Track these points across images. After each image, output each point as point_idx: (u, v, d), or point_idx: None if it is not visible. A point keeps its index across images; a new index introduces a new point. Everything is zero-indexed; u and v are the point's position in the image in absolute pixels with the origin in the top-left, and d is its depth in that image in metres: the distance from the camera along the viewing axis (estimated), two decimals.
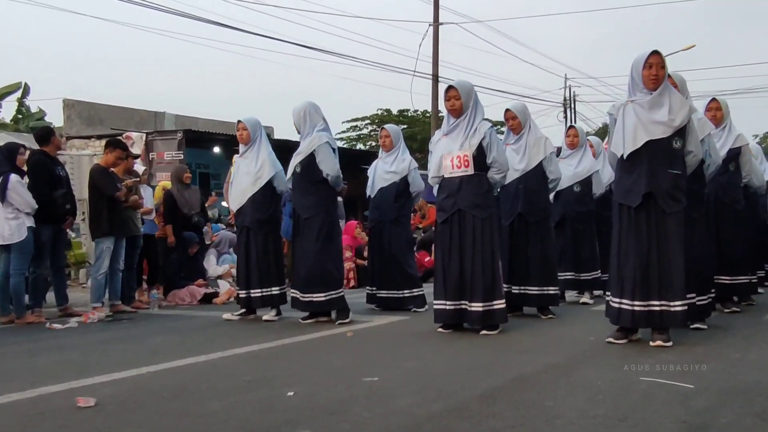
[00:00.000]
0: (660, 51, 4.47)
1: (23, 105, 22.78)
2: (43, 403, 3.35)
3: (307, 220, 5.97)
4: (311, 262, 5.92)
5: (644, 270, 4.41)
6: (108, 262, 7.01)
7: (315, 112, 6.11)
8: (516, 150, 6.06)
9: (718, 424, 2.74)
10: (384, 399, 3.25)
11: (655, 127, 4.40)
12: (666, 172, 4.39)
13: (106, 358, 4.65)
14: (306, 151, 5.97)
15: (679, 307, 4.37)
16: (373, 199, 6.94)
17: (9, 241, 6.54)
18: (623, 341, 4.56)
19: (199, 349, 4.74)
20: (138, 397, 3.40)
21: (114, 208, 7.08)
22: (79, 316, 6.78)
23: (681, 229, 4.42)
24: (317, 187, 6.01)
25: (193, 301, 8.24)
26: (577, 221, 7.04)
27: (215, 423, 2.89)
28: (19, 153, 6.81)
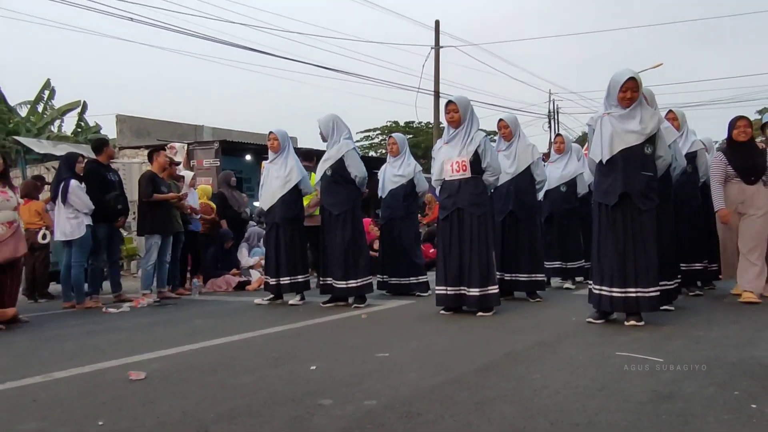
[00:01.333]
0: (636, 76, 4.45)
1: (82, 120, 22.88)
2: (100, 376, 3.38)
3: (337, 216, 5.98)
4: (345, 254, 5.94)
5: (621, 261, 4.40)
6: (155, 255, 7.03)
7: (341, 122, 6.20)
8: (507, 155, 6.05)
9: (684, 393, 2.73)
10: (394, 372, 3.25)
11: (629, 135, 4.40)
12: (640, 174, 4.39)
13: (154, 337, 4.67)
14: (336, 156, 6.01)
15: (653, 293, 4.36)
16: (384, 199, 6.94)
17: (70, 237, 6.59)
18: (601, 321, 4.56)
19: (234, 330, 4.75)
20: (181, 372, 3.41)
21: (157, 209, 7.07)
22: (130, 301, 6.81)
23: (654, 224, 4.42)
24: (346, 188, 6.05)
25: (228, 289, 8.26)
26: (563, 217, 7.07)
27: (247, 394, 2.90)
28: (78, 161, 6.86)
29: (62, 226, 6.61)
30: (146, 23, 13.55)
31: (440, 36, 20.85)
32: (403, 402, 2.69)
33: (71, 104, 22.19)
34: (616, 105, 4.49)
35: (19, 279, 6.03)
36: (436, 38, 20.78)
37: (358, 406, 2.65)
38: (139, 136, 16.90)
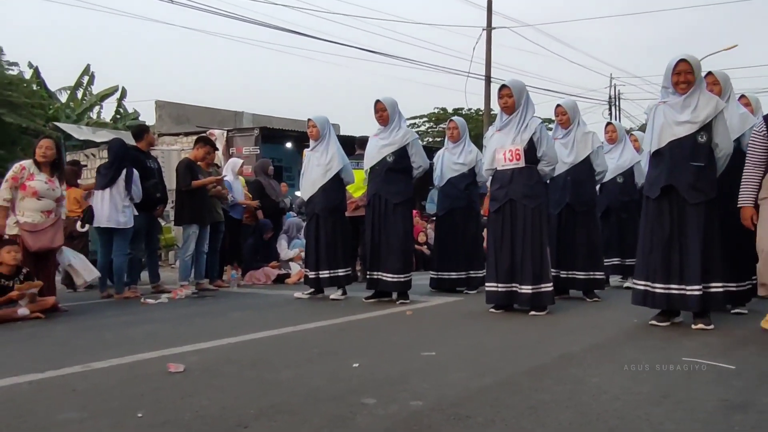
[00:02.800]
0: (689, 58, 4.39)
1: (121, 106, 23.52)
2: (139, 367, 3.45)
3: (397, 206, 5.97)
4: (403, 246, 5.97)
5: (666, 256, 4.37)
6: (194, 246, 7.18)
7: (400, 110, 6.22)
8: (565, 144, 5.97)
9: (759, 404, 2.63)
10: (440, 372, 3.24)
11: (679, 127, 4.39)
12: (688, 165, 4.31)
13: (193, 329, 4.75)
14: (400, 142, 6.01)
15: (696, 291, 4.26)
16: (442, 188, 6.91)
17: (124, 226, 6.74)
18: (666, 324, 4.46)
19: (273, 324, 4.81)
20: (220, 365, 3.47)
21: (195, 198, 7.19)
22: (168, 292, 6.96)
23: (701, 219, 4.30)
24: (405, 176, 6.07)
25: (267, 281, 8.38)
26: (621, 210, 6.94)
27: (287, 390, 2.93)
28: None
29: (113, 214, 6.68)
30: (186, 5, 13.77)
31: (492, 16, 20.62)
32: (450, 403, 2.68)
33: (110, 90, 22.81)
34: (672, 92, 4.46)
35: (54, 269, 6.22)
36: (488, 19, 20.55)
37: (403, 407, 2.65)
38: (178, 123, 17.25)
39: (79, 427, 2.45)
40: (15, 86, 17.65)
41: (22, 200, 5.70)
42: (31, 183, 5.69)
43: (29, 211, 5.70)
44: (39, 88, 20.69)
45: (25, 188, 5.68)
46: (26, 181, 5.69)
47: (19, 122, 16.59)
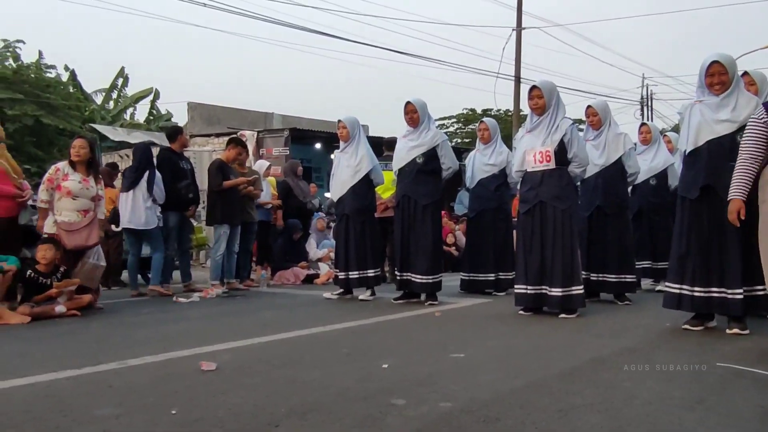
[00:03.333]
0: (722, 59, 4.29)
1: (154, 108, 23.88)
2: (172, 365, 3.50)
3: (426, 207, 5.97)
4: (432, 247, 5.97)
5: (705, 259, 4.29)
6: (225, 246, 7.24)
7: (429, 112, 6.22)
8: (596, 146, 5.89)
9: None
10: (469, 373, 3.24)
11: (719, 125, 4.27)
12: (726, 165, 4.17)
13: (224, 328, 4.80)
14: (429, 143, 6.01)
15: (737, 295, 4.16)
16: (473, 189, 6.89)
17: (145, 227, 6.88)
18: (699, 328, 4.38)
19: (303, 324, 4.84)
20: (252, 364, 3.50)
21: (227, 198, 7.25)
22: (200, 291, 7.04)
23: (742, 221, 4.20)
24: (434, 177, 6.07)
25: (296, 281, 8.44)
26: (653, 213, 6.84)
27: (318, 389, 2.94)
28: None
29: (137, 215, 6.84)
30: (218, 8, 13.96)
31: (522, 16, 20.47)
32: (480, 405, 2.67)
33: (144, 92, 23.19)
34: (708, 93, 4.36)
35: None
36: (518, 19, 20.41)
37: (433, 408, 2.64)
38: (210, 124, 17.46)
39: (115, 423, 2.50)
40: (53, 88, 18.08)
41: (58, 200, 5.82)
42: (65, 183, 5.81)
43: (66, 210, 5.81)
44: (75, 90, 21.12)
45: (61, 189, 5.80)
46: (61, 181, 5.81)
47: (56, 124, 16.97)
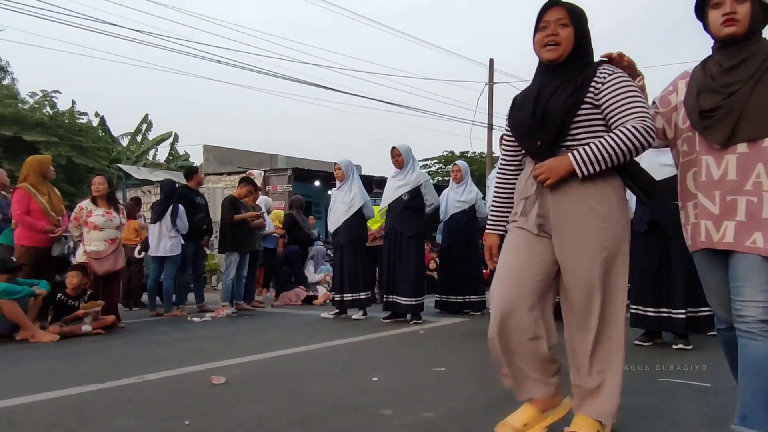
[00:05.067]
0: None
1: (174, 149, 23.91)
2: (186, 379, 3.45)
3: (411, 238, 5.97)
4: (415, 273, 5.95)
5: (654, 283, 4.35)
6: (234, 271, 7.20)
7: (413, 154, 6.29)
8: None
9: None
10: (450, 386, 3.21)
11: (663, 169, 4.30)
12: (669, 203, 4.21)
13: (233, 345, 4.75)
14: (414, 183, 6.03)
15: (681, 315, 4.23)
16: (446, 222, 6.90)
17: (170, 253, 6.82)
18: (649, 344, 4.38)
19: (303, 341, 4.80)
20: (258, 378, 3.46)
21: (237, 229, 7.22)
22: (212, 312, 6.95)
23: (685, 250, 4.22)
24: (417, 213, 6.07)
25: (297, 302, 8.37)
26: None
27: (316, 402, 2.91)
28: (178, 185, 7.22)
29: (162, 243, 6.81)
30: (231, 65, 14.11)
31: (494, 73, 20.76)
32: (459, 415, 2.65)
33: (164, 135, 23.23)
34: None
35: (118, 290, 6.28)
36: (490, 75, 20.67)
37: (417, 417, 2.62)
38: (223, 164, 17.47)
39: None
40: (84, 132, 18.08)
41: (88, 233, 5.81)
42: (91, 219, 5.81)
43: (94, 241, 5.79)
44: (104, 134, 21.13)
45: (87, 224, 5.82)
46: (86, 218, 5.82)
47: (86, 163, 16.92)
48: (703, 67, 2.06)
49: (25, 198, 5.54)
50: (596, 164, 2.05)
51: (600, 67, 2.13)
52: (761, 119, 1.91)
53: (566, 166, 2.07)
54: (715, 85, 1.98)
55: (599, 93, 2.09)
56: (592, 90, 2.09)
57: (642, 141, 2.03)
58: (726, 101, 1.94)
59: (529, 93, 2.23)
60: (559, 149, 2.14)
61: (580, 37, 2.14)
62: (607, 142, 2.04)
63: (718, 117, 1.96)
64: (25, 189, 5.57)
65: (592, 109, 2.11)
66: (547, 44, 2.13)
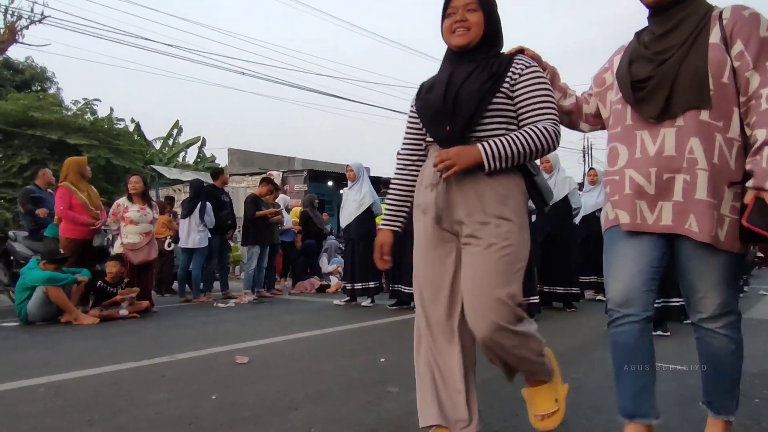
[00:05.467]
0: None
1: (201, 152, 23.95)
2: (212, 359, 3.47)
3: (411, 233, 5.94)
4: None
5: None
6: (255, 262, 7.23)
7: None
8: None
9: None
10: None
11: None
12: None
13: (254, 329, 4.76)
14: None
15: (656, 304, 4.17)
16: None
17: (198, 245, 6.89)
18: None
19: (317, 325, 4.81)
20: (276, 358, 3.48)
21: (258, 225, 7.25)
22: (235, 298, 6.98)
23: None
24: None
25: (312, 290, 8.39)
26: (598, 238, 6.77)
27: (329, 379, 2.93)
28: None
29: (191, 236, 6.89)
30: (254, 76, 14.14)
31: None
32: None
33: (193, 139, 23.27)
34: None
35: (152, 278, 6.33)
36: None
37: None
38: (245, 165, 17.49)
39: (167, 406, 2.47)
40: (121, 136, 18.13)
41: (124, 227, 5.85)
42: (127, 215, 5.86)
43: (130, 234, 5.83)
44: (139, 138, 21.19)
45: (124, 219, 5.85)
46: (123, 213, 5.86)
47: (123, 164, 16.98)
48: (638, 38, 1.78)
49: (66, 195, 5.59)
50: (505, 160, 1.72)
51: (516, 58, 1.82)
52: (696, 87, 1.59)
53: (474, 157, 1.71)
54: (648, 53, 1.69)
55: (515, 85, 1.78)
56: (508, 80, 1.78)
57: (549, 144, 1.76)
58: (658, 69, 1.64)
59: (439, 78, 1.88)
60: (468, 139, 1.78)
61: (490, 23, 1.82)
62: (518, 138, 1.73)
63: (650, 88, 1.65)
64: (66, 187, 5.62)
65: (505, 100, 1.78)
66: (455, 30, 1.81)
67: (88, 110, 18.68)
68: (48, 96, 18.82)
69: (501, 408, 2.43)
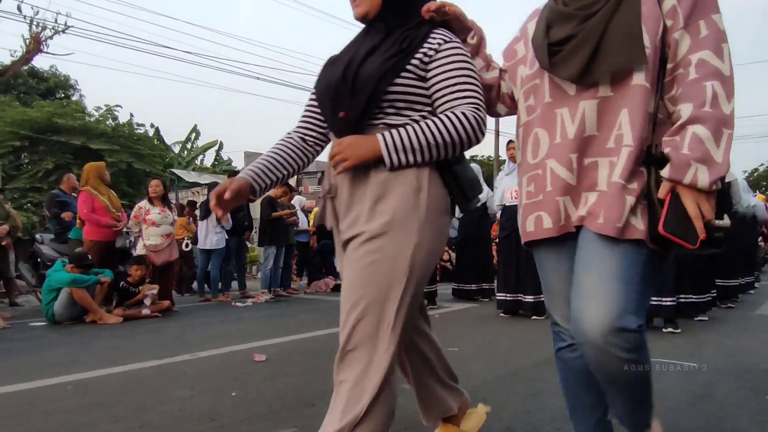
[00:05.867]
0: None
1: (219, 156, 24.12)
2: (232, 356, 3.51)
3: None
4: None
5: None
6: (272, 262, 7.27)
7: None
8: None
9: (718, 395, 2.54)
10: (463, 364, 3.20)
11: None
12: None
13: (271, 327, 4.80)
14: None
15: (670, 302, 4.14)
16: (460, 219, 6.88)
17: (216, 246, 6.96)
18: None
19: (332, 324, 4.82)
20: (292, 355, 3.50)
21: (274, 226, 7.29)
22: (252, 297, 7.03)
23: None
24: None
25: (327, 290, 8.41)
26: None
27: None
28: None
29: (209, 237, 6.98)
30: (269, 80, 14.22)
31: None
32: (471, 390, 2.63)
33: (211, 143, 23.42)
34: None
35: (173, 278, 6.40)
36: None
37: None
38: None
39: (189, 402, 2.51)
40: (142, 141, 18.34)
41: (146, 229, 5.93)
42: (149, 217, 5.94)
43: (152, 236, 5.90)
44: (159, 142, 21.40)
45: (146, 221, 5.92)
46: (145, 216, 5.93)
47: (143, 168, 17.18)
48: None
49: (89, 199, 5.68)
50: (411, 152, 1.39)
51: (434, 31, 1.46)
52: (627, 45, 1.25)
53: (372, 149, 1.39)
54: (569, 10, 1.35)
55: (430, 63, 1.42)
56: (420, 57, 1.42)
57: (470, 134, 1.41)
58: (581, 27, 1.30)
59: (343, 53, 1.54)
60: (367, 127, 1.44)
61: None
62: (428, 127, 1.39)
63: (570, 47, 1.31)
64: (88, 191, 5.71)
65: (416, 81, 1.43)
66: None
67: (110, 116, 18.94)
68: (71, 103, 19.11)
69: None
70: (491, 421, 2.22)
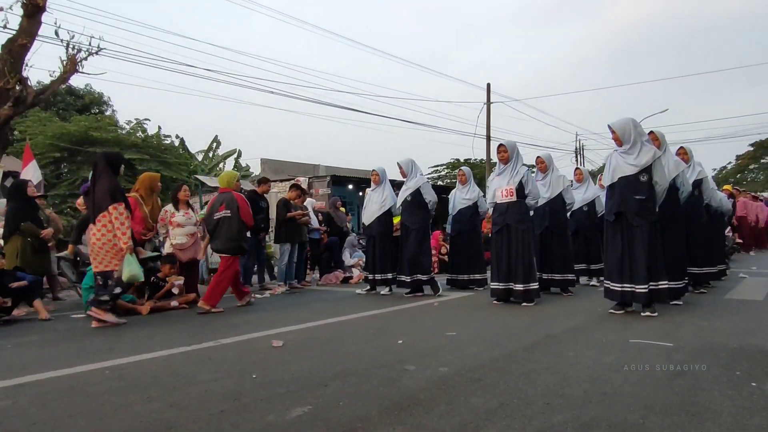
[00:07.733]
0: (612, 124, 4.31)
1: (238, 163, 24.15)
2: (251, 343, 3.51)
3: (414, 230, 5.99)
4: (416, 256, 5.95)
5: (620, 264, 4.24)
6: (287, 257, 7.28)
7: (415, 163, 6.28)
8: (544, 184, 5.87)
9: (693, 372, 2.53)
10: (460, 347, 3.21)
11: (627, 167, 4.26)
12: (632, 198, 4.16)
13: (287, 316, 4.79)
14: (414, 186, 6.07)
15: (643, 289, 4.10)
16: (454, 216, 6.87)
17: None
18: (621, 312, 4.31)
19: (342, 312, 4.84)
20: (307, 342, 3.50)
21: (288, 225, 7.28)
22: (270, 290, 7.03)
23: (645, 236, 4.13)
24: (421, 209, 6.07)
25: (336, 282, 8.41)
26: (586, 230, 6.74)
27: (353, 359, 2.94)
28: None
29: None
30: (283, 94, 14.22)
31: (491, 94, 20.53)
32: (468, 370, 2.65)
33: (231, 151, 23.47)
34: (616, 147, 4.38)
35: (198, 274, 6.40)
36: (487, 96, 20.45)
37: (434, 372, 2.63)
38: (276, 173, 17.61)
39: (214, 384, 2.51)
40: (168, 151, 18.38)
41: (173, 230, 5.92)
42: (174, 219, 5.91)
43: (178, 236, 5.90)
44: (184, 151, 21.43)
45: (172, 223, 5.92)
46: (170, 218, 5.93)
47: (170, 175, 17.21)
48: None
49: (133, 205, 5.65)
50: None
51: None
52: None
53: None
54: None
55: None
56: None
57: None
58: None
59: None
60: None
61: None
62: None
63: None
64: (135, 198, 5.71)
65: None
66: None
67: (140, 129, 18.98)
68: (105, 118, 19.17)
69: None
70: (487, 397, 2.22)
